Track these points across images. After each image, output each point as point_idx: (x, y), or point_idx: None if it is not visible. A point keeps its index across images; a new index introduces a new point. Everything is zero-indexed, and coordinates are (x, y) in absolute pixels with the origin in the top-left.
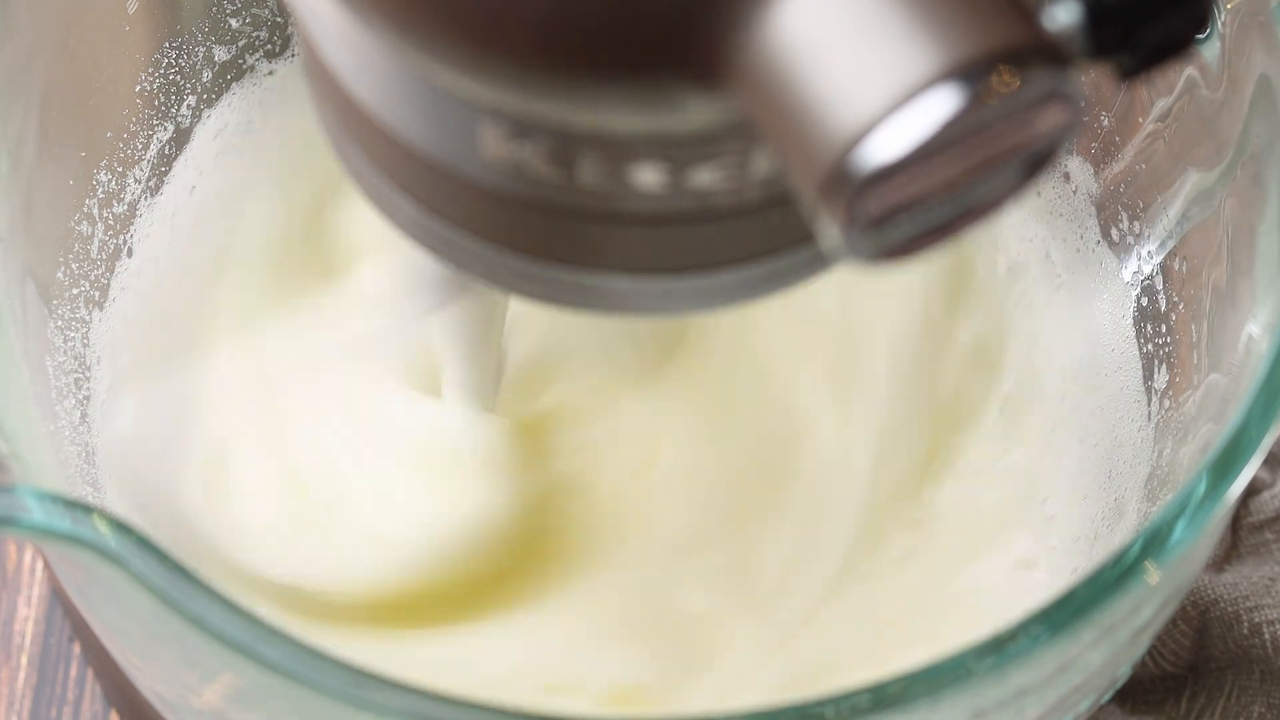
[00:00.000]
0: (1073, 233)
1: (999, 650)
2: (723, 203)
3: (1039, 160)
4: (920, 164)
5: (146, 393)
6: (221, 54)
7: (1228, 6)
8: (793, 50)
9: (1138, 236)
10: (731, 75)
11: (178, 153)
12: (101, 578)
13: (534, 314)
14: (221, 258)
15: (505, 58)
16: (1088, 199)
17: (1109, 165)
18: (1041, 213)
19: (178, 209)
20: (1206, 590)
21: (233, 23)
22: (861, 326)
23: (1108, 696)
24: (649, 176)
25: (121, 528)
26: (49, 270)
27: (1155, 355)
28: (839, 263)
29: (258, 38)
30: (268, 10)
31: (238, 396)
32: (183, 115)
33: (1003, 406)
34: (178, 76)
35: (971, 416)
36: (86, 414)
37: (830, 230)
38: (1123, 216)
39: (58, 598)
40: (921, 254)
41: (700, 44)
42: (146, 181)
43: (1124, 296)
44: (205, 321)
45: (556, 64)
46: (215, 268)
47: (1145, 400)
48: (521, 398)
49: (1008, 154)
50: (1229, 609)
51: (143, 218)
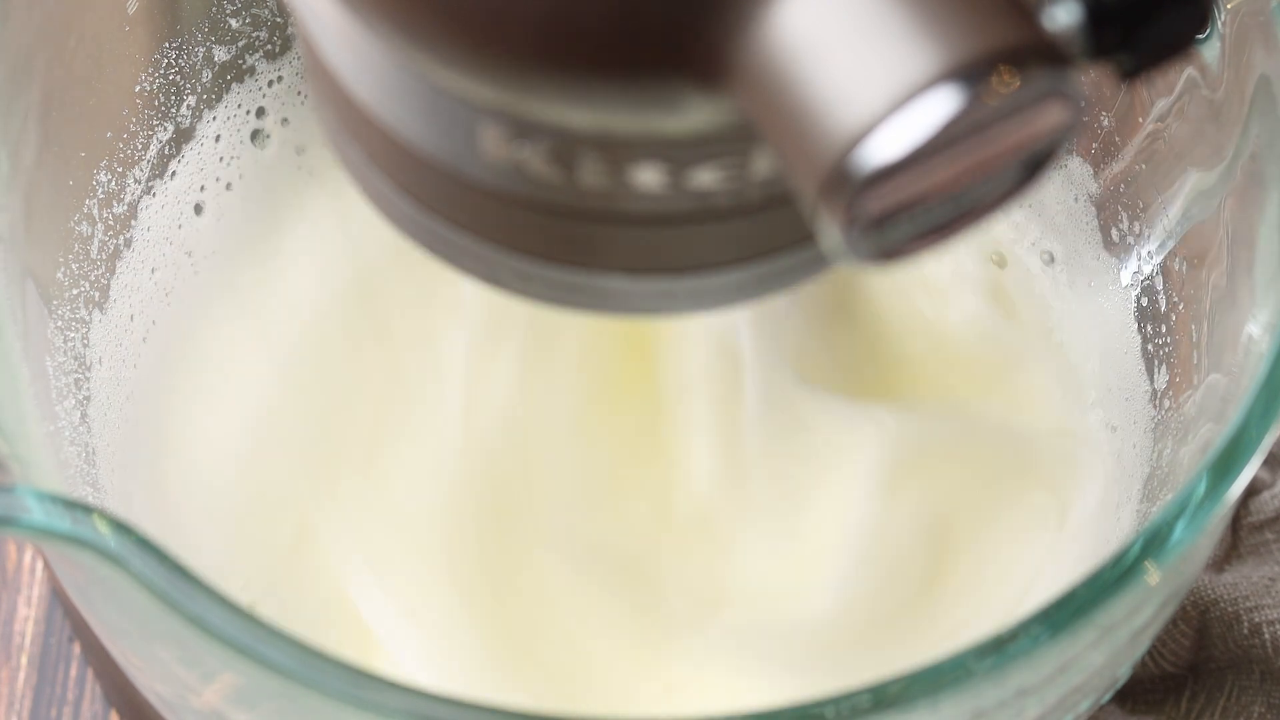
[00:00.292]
0: (1072, 232)
1: (999, 650)
2: (723, 203)
3: (1039, 160)
4: (920, 164)
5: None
6: (221, 54)
7: (1228, 6)
8: (793, 50)
9: (1138, 236)
10: (731, 75)
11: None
12: (101, 578)
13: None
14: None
15: (505, 58)
16: (1088, 199)
17: (1109, 165)
18: (1041, 213)
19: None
20: (1206, 590)
21: (233, 23)
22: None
23: (1108, 696)
24: (649, 177)
25: (121, 528)
26: (49, 270)
27: (1155, 355)
28: (839, 263)
29: (258, 38)
30: (268, 10)
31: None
32: (183, 115)
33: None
34: (178, 76)
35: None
36: (86, 414)
37: (830, 230)
38: (1123, 216)
39: (58, 598)
40: (921, 254)
41: (700, 44)
42: (146, 181)
43: (1124, 296)
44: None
45: (556, 64)
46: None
47: (1145, 400)
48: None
49: (1008, 154)
50: (1229, 609)
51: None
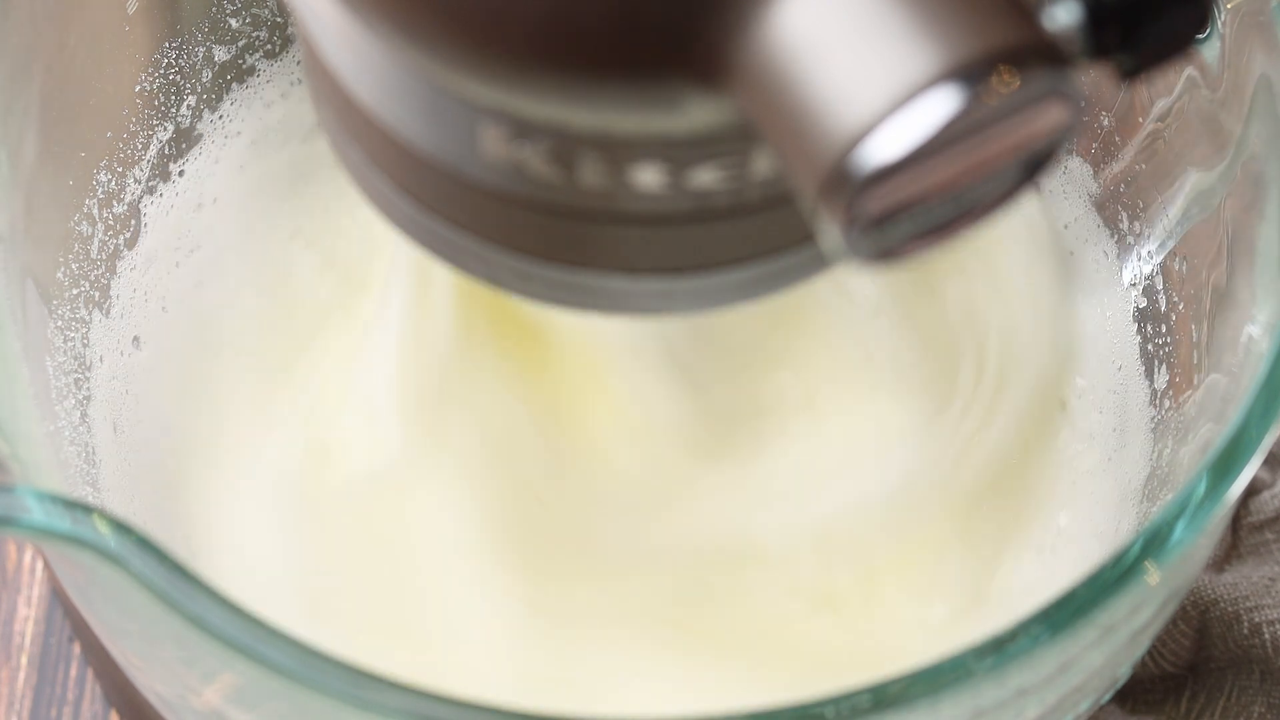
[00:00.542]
0: (1072, 233)
1: (999, 650)
2: (723, 203)
3: (1039, 160)
4: (920, 164)
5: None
6: (221, 54)
7: (1228, 6)
8: (793, 50)
9: (1138, 236)
10: (732, 75)
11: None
12: (101, 578)
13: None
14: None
15: (505, 58)
16: (1088, 199)
17: (1109, 165)
18: (1040, 213)
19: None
20: (1206, 590)
21: (233, 23)
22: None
23: (1108, 696)
24: (649, 177)
25: (121, 528)
26: (49, 270)
27: (1155, 355)
28: (839, 263)
29: (258, 38)
30: (268, 10)
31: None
32: (183, 115)
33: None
34: (178, 76)
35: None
36: (86, 414)
37: (830, 230)
38: (1123, 216)
39: (58, 598)
40: (921, 254)
41: (700, 44)
42: (146, 182)
43: (1124, 296)
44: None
45: (557, 64)
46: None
47: (1145, 400)
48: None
49: (1008, 154)
50: (1229, 609)
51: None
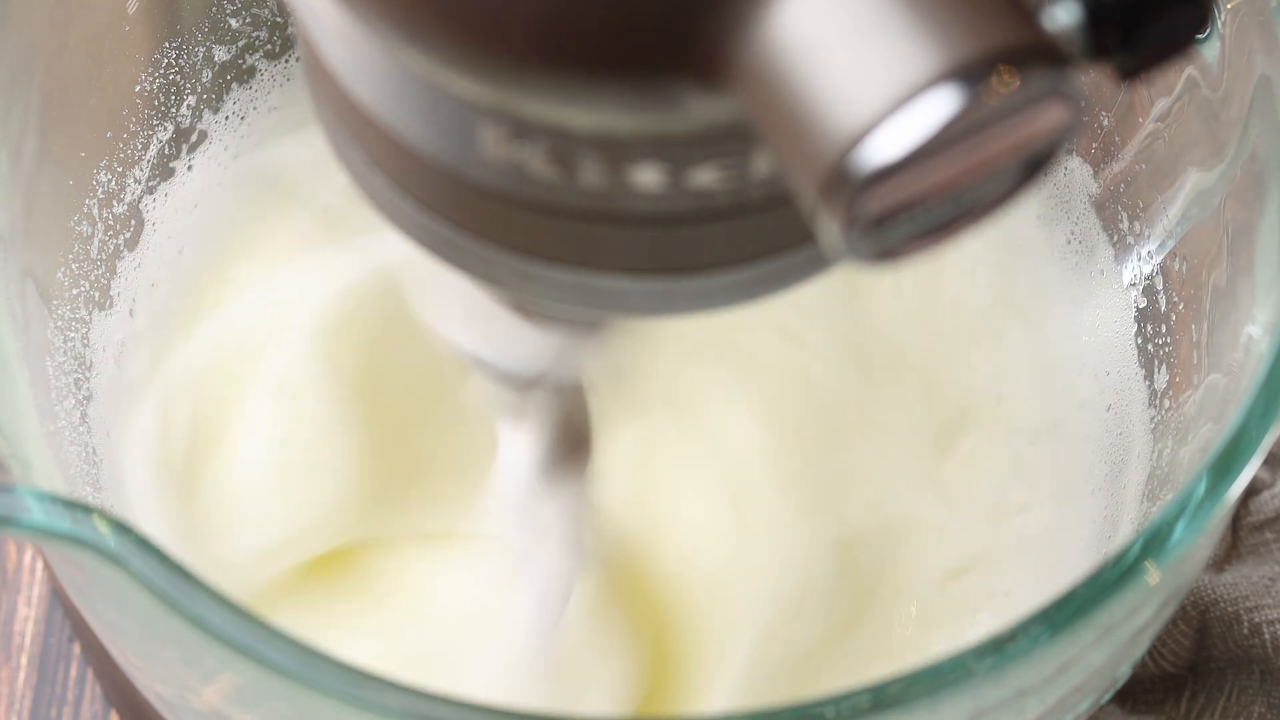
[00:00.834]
0: (1072, 233)
1: (999, 650)
2: (723, 203)
3: (1039, 160)
4: (920, 164)
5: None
6: (221, 54)
7: (1228, 6)
8: (793, 50)
9: (1138, 236)
10: (731, 75)
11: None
12: (101, 578)
13: None
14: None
15: (505, 58)
16: (1088, 199)
17: (1109, 165)
18: (1041, 213)
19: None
20: (1206, 590)
21: (233, 23)
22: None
23: (1108, 696)
24: (649, 177)
25: (121, 528)
26: (49, 270)
27: (1155, 355)
28: (839, 263)
29: (258, 38)
30: (268, 10)
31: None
32: (183, 115)
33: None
34: (178, 76)
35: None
36: (86, 414)
37: (830, 230)
38: (1123, 216)
39: (58, 598)
40: (921, 254)
41: (700, 44)
42: (146, 182)
43: (1124, 296)
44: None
45: (556, 64)
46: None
47: (1145, 400)
48: None
49: (1008, 154)
50: (1229, 609)
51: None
